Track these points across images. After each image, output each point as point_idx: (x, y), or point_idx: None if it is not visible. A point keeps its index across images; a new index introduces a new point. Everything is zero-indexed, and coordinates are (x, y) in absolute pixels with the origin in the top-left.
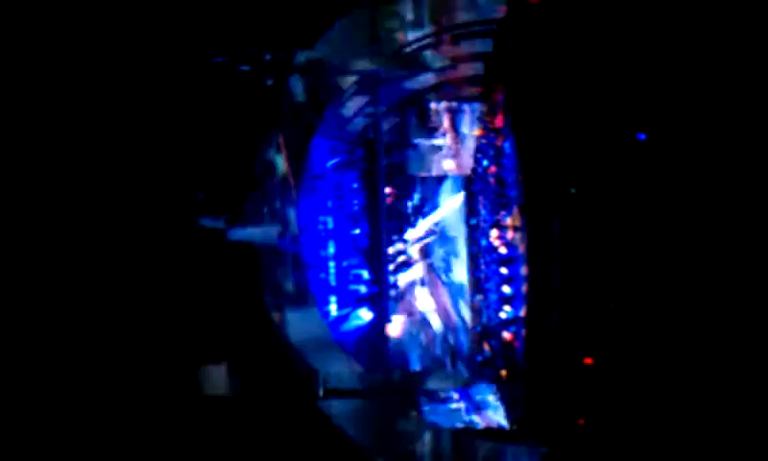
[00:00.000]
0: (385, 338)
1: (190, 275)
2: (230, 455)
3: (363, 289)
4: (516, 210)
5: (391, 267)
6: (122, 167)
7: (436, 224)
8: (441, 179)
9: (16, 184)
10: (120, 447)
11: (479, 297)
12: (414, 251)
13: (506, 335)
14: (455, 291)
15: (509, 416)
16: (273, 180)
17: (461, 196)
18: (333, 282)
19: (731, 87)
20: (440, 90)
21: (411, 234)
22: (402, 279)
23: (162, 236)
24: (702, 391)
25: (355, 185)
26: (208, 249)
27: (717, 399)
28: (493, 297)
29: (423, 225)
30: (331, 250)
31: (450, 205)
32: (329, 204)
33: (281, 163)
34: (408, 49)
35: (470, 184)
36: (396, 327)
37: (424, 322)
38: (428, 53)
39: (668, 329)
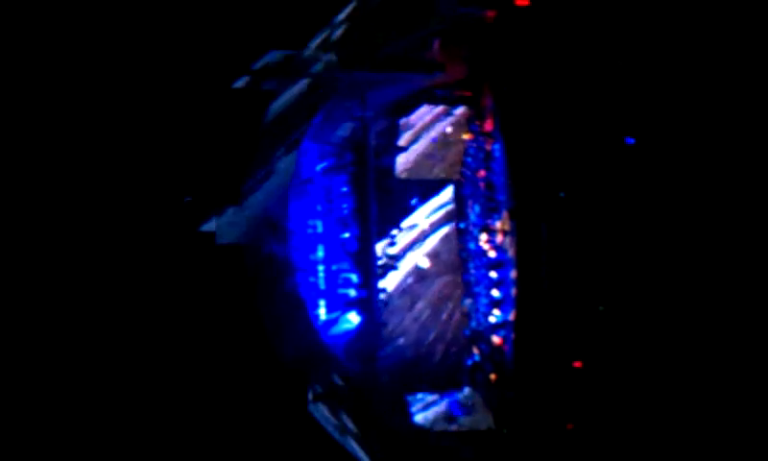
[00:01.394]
0: (375, 341)
1: (180, 278)
2: (221, 459)
3: (352, 293)
4: (505, 214)
5: (379, 271)
6: (110, 169)
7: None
8: (429, 182)
9: (13, 184)
10: (110, 449)
11: (468, 301)
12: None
13: (495, 339)
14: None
15: (498, 420)
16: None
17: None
18: (322, 286)
19: (721, 91)
20: (430, 94)
21: (400, 237)
22: (389, 282)
23: (152, 239)
24: (692, 394)
25: (345, 189)
26: (198, 252)
27: (708, 402)
28: (483, 301)
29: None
30: (320, 253)
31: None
32: (319, 207)
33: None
34: (397, 52)
35: (459, 188)
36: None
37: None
38: (417, 56)
39: (658, 333)
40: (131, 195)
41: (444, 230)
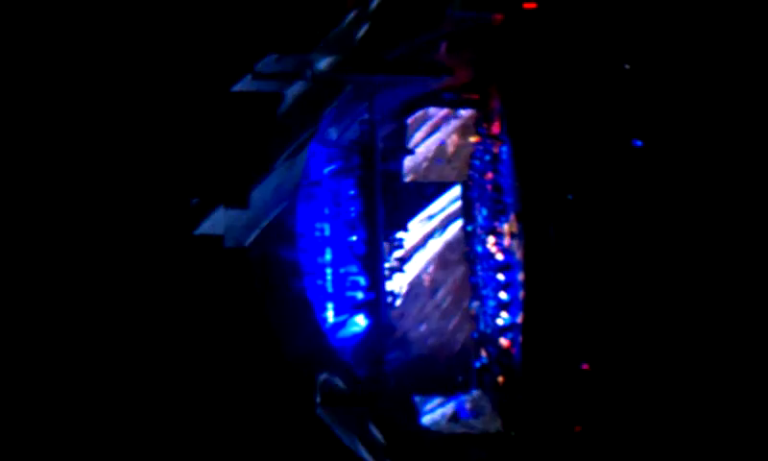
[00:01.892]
0: (382, 344)
1: (188, 282)
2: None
3: (360, 296)
4: (512, 217)
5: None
6: (118, 173)
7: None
8: (436, 185)
9: (15, 187)
10: (117, 452)
11: (476, 303)
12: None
13: (503, 342)
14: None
15: (506, 422)
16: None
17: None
18: (330, 289)
19: (727, 94)
20: (437, 97)
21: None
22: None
23: (160, 243)
24: (699, 396)
25: (352, 192)
26: (206, 256)
27: (714, 403)
28: (491, 303)
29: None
30: (328, 256)
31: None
32: (326, 211)
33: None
34: (405, 55)
35: (467, 191)
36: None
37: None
38: (425, 59)
39: (665, 335)
40: (140, 198)
41: (460, 221)
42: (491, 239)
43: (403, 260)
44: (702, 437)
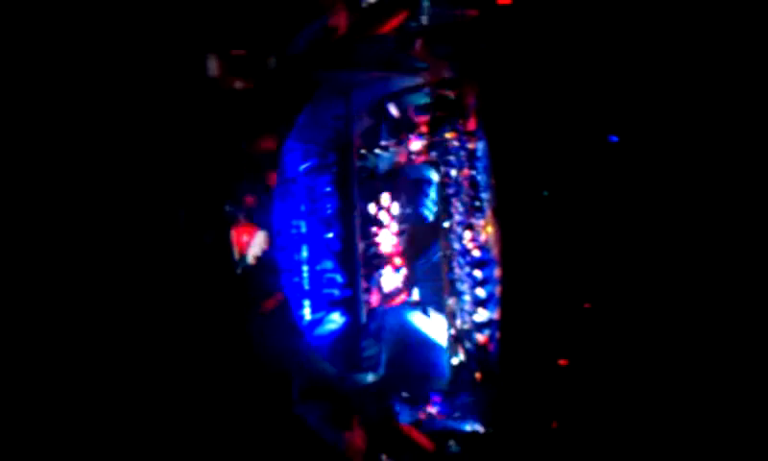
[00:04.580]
0: (359, 341)
1: (167, 280)
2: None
3: (336, 293)
4: (489, 213)
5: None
6: (101, 172)
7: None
8: (412, 182)
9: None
10: (95, 448)
11: (452, 300)
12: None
13: (480, 338)
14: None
15: (483, 419)
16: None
17: None
18: (307, 286)
19: (705, 89)
20: (414, 93)
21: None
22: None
23: (142, 241)
24: (677, 391)
25: (328, 189)
26: (186, 254)
27: (694, 399)
28: (467, 299)
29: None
30: (305, 254)
31: None
32: (303, 207)
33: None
34: (382, 52)
35: (444, 188)
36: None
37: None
38: (402, 56)
39: (643, 331)
40: (119, 197)
41: None
42: (467, 235)
43: (380, 257)
44: (679, 432)
